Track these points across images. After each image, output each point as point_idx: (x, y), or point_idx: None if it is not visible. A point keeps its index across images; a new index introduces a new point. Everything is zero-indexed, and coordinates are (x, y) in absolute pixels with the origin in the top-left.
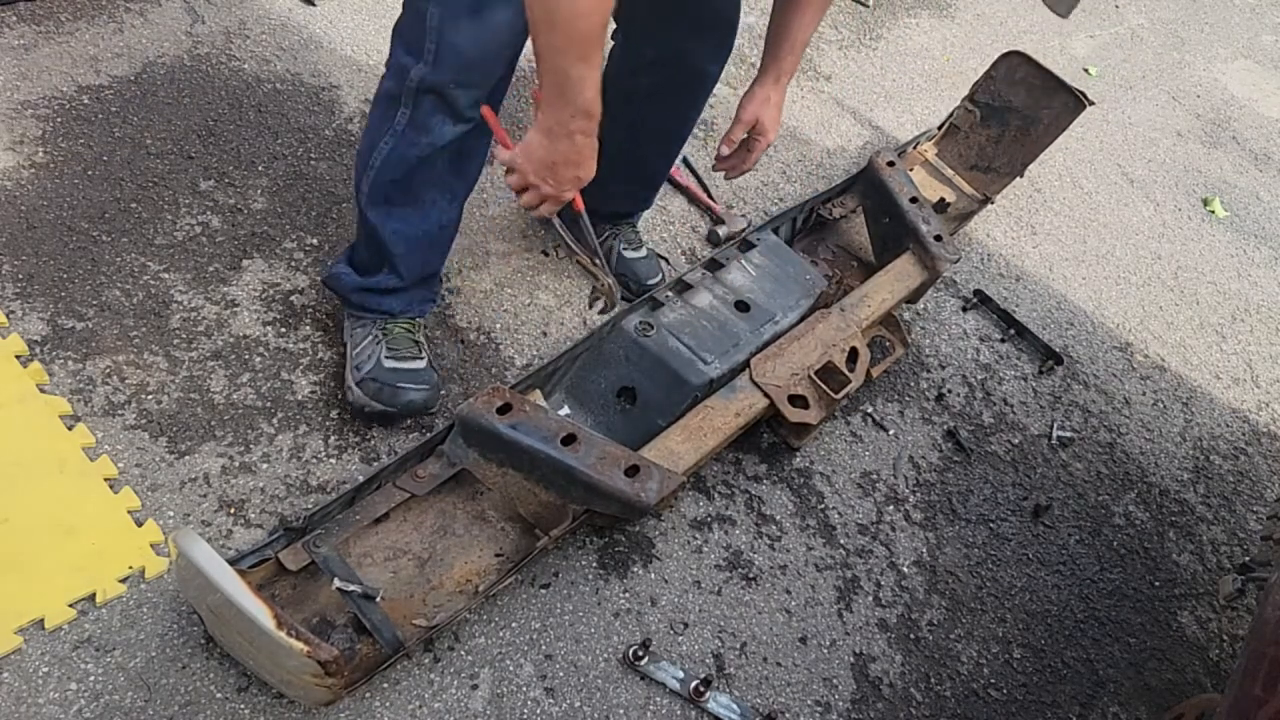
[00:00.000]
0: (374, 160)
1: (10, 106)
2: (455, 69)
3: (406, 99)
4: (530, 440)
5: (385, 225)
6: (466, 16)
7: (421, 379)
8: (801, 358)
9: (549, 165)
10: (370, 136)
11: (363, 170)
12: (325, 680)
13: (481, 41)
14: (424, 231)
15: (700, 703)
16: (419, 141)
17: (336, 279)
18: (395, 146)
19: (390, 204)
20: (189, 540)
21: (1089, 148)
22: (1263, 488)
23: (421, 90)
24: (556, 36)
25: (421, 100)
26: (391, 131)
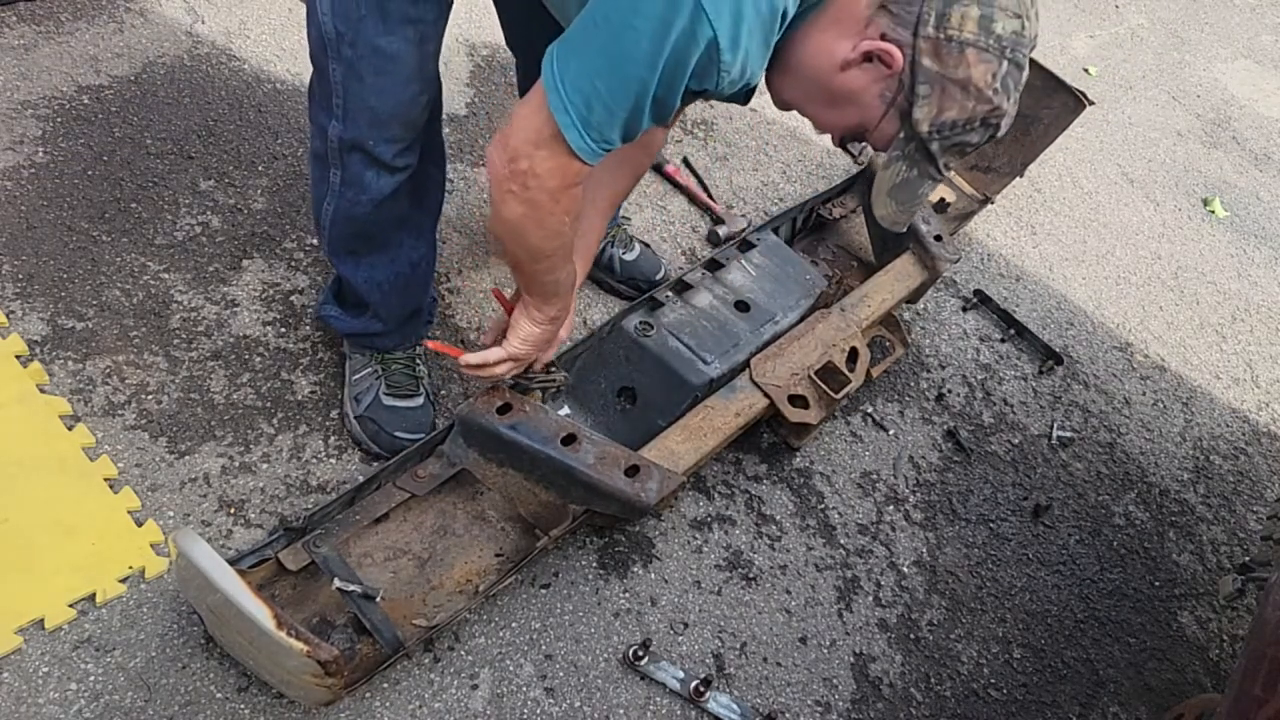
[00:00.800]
0: (324, 220)
1: (10, 106)
2: (369, 124)
3: (334, 158)
4: (530, 440)
5: (356, 275)
6: (369, 73)
7: (417, 421)
8: (801, 358)
9: (547, 343)
10: (315, 195)
11: (319, 228)
12: (325, 680)
13: (387, 95)
14: (396, 274)
15: (700, 703)
16: (359, 199)
17: (326, 321)
18: (338, 205)
19: (355, 255)
20: (189, 540)
21: (1089, 148)
22: (1263, 488)
23: (344, 148)
24: (539, 262)
25: (348, 158)
26: (330, 191)
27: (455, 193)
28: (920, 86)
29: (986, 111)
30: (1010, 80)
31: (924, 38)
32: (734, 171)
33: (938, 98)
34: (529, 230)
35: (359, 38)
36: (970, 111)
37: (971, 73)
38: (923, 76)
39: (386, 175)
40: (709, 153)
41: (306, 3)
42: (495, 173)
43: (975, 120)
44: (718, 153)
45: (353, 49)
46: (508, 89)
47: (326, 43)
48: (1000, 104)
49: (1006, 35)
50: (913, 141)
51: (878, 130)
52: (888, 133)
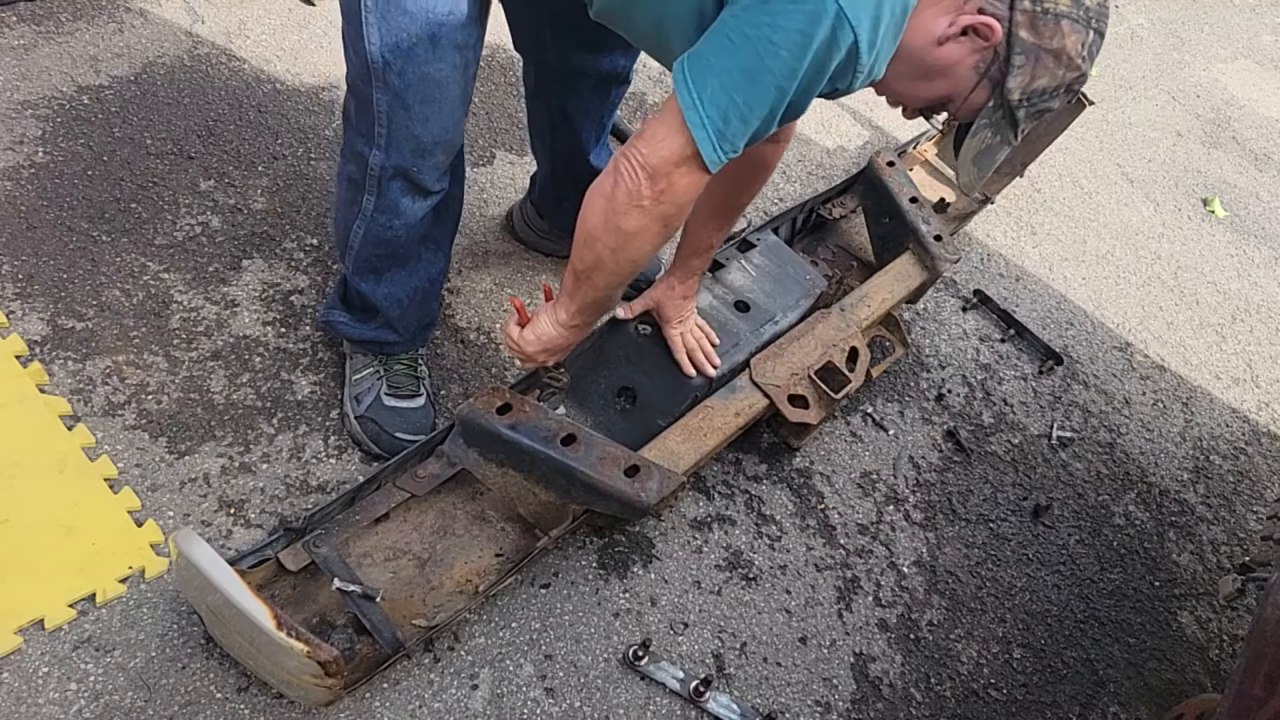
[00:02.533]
0: (352, 241)
1: (10, 106)
2: (413, 152)
3: (370, 185)
4: (530, 440)
5: (376, 291)
6: (417, 102)
7: (418, 421)
8: (801, 358)
9: (558, 350)
10: (343, 215)
11: (344, 246)
12: (325, 681)
13: (433, 123)
14: (415, 288)
15: (700, 703)
16: (391, 224)
17: (333, 327)
18: (369, 229)
19: (378, 273)
20: (189, 541)
21: (1089, 148)
22: (1263, 488)
23: (385, 177)
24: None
25: (386, 186)
26: (361, 215)
27: None
28: (1016, 57)
29: (1073, 78)
30: (1095, 48)
31: (1021, 11)
32: None
33: (1031, 67)
34: (645, 242)
35: (408, 66)
36: (1060, 79)
37: (1065, 43)
38: (1019, 48)
39: (422, 200)
40: None
41: (346, 32)
42: (628, 188)
43: (1062, 87)
44: None
45: (400, 78)
46: (508, 89)
47: (372, 72)
48: (1086, 71)
49: (1093, 7)
50: (1000, 109)
51: (966, 101)
52: (976, 102)
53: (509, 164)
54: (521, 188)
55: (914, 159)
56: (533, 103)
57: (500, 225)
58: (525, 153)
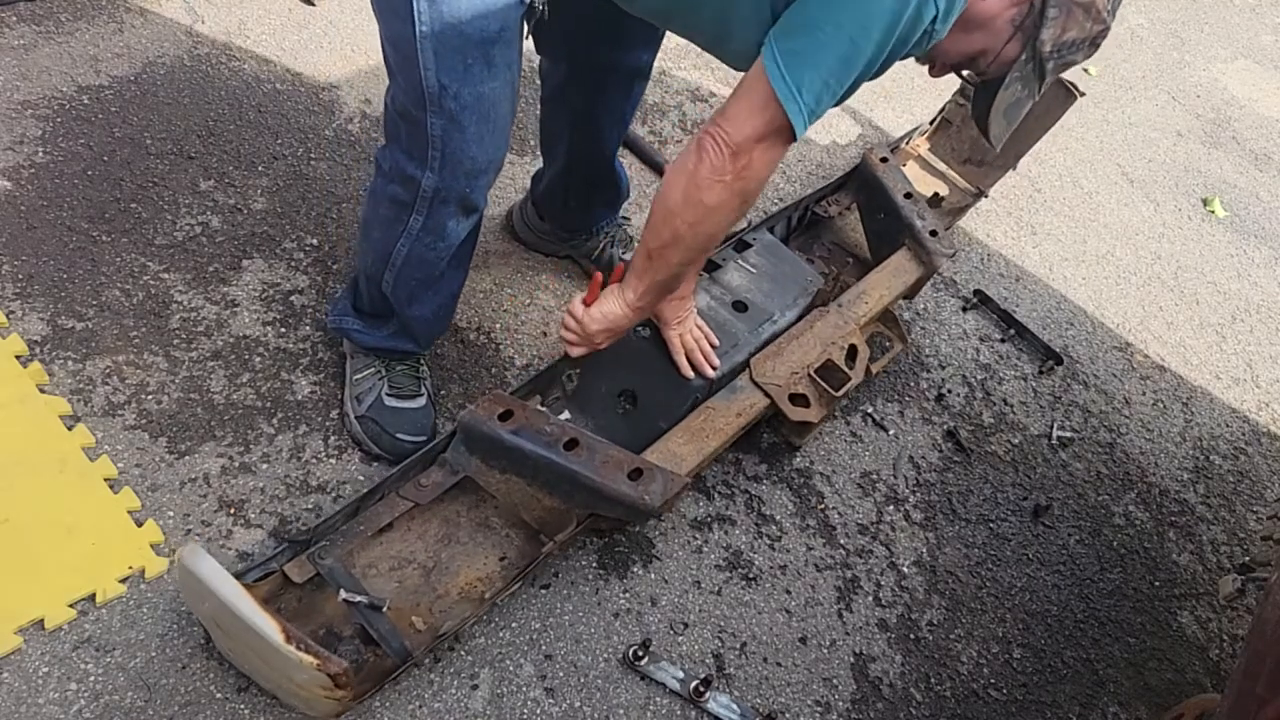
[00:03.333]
0: (395, 260)
1: (10, 106)
2: (467, 174)
3: (420, 206)
4: (533, 446)
5: (408, 312)
6: (472, 123)
7: (419, 422)
8: (801, 356)
9: (619, 331)
10: (382, 234)
11: (382, 265)
12: (335, 693)
13: (488, 142)
14: (440, 305)
15: (700, 703)
16: (435, 245)
17: (346, 333)
18: (412, 249)
19: (414, 297)
20: (195, 555)
21: (1089, 148)
22: (1263, 488)
23: (437, 200)
24: (691, 249)
25: (438, 208)
26: (406, 234)
27: None
28: (1050, 9)
29: (1099, 31)
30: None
31: None
32: None
33: (1064, 19)
34: (724, 216)
35: (463, 88)
36: (1087, 31)
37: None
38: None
39: (465, 219)
40: None
41: (391, 57)
42: (712, 163)
43: (1088, 39)
44: None
45: (456, 101)
46: None
47: (427, 97)
48: (1109, 24)
49: None
50: (1031, 62)
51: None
52: (1009, 56)
53: (509, 164)
54: (522, 188)
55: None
56: (553, 103)
57: (500, 225)
58: (525, 153)
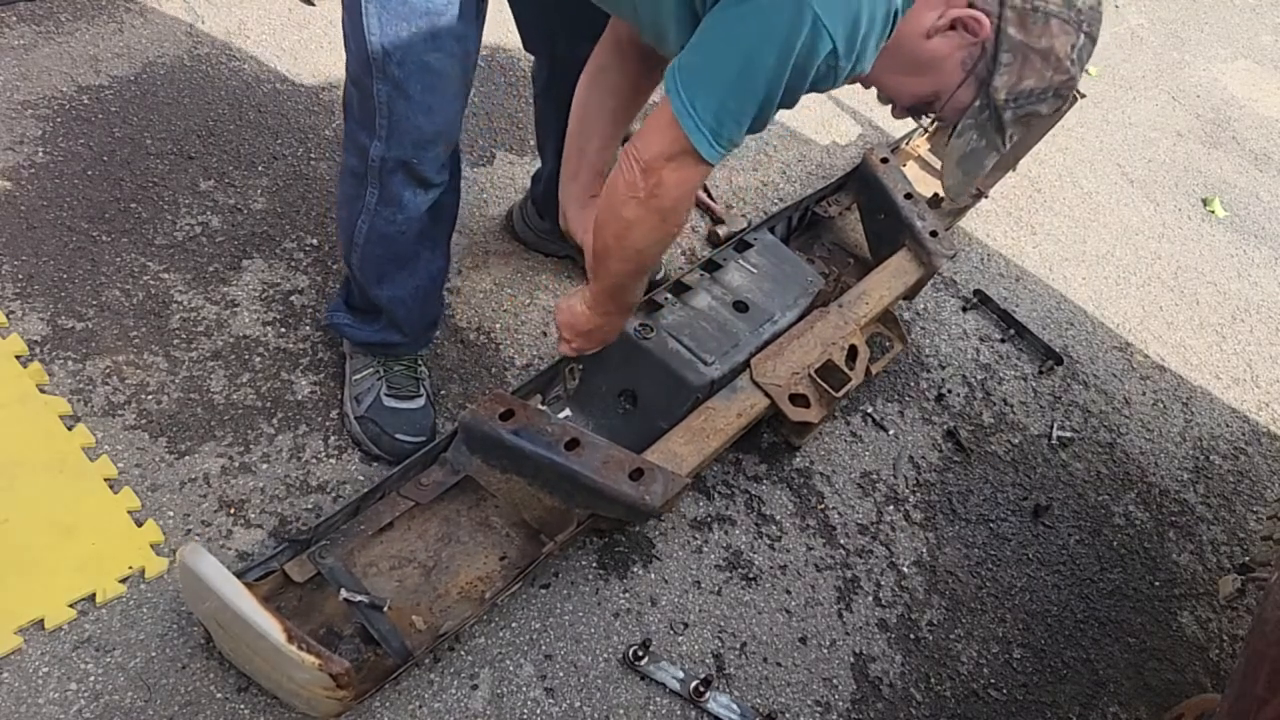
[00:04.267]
0: (357, 238)
1: (10, 106)
2: (414, 143)
3: (372, 177)
4: (533, 446)
5: (382, 293)
6: (418, 91)
7: (418, 423)
8: (801, 356)
9: (585, 334)
10: (347, 212)
11: (349, 245)
12: (337, 693)
13: (435, 113)
14: (416, 287)
15: (700, 703)
16: (394, 218)
17: (338, 329)
18: (373, 224)
19: (381, 276)
20: (196, 555)
21: (1089, 148)
22: (1263, 488)
23: (385, 169)
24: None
25: (388, 178)
26: (365, 209)
27: None
28: (1003, 55)
29: (1061, 82)
30: (1084, 53)
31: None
32: (734, 171)
33: (1019, 66)
34: (643, 234)
35: (408, 56)
36: (1048, 81)
37: (1054, 43)
38: (1006, 45)
39: (423, 193)
40: None
41: (346, 23)
42: (625, 179)
43: (1050, 90)
44: None
45: (400, 68)
46: (508, 89)
47: (372, 62)
48: (1075, 75)
49: (1085, 9)
50: (986, 110)
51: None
52: (962, 101)
53: (509, 164)
54: (521, 187)
55: (907, 155)
56: (542, 100)
57: (500, 225)
58: (525, 153)
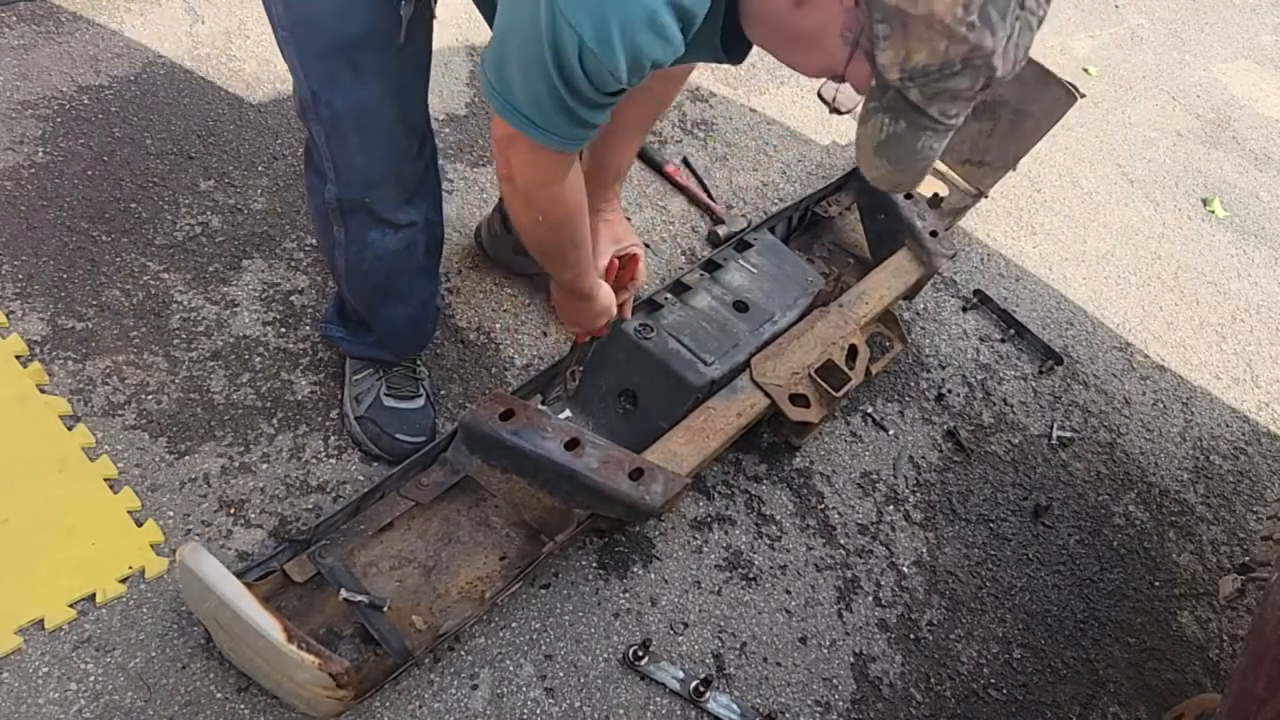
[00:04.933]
0: (338, 271)
1: (10, 106)
2: (362, 184)
3: (334, 218)
4: (533, 446)
5: (373, 319)
6: (352, 132)
7: (418, 423)
8: (801, 356)
9: (570, 316)
10: (326, 249)
11: (334, 276)
12: (337, 693)
13: (372, 152)
14: (409, 317)
15: (700, 703)
16: (365, 255)
17: (332, 342)
18: (350, 262)
19: (375, 307)
20: (196, 555)
21: (1089, 148)
22: (1263, 488)
23: (344, 210)
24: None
25: (349, 218)
26: (338, 246)
27: (455, 193)
28: (879, 25)
29: (965, 52)
30: (993, 9)
31: None
32: (734, 171)
33: (901, 37)
34: (518, 209)
35: (335, 95)
36: (944, 53)
37: (934, 6)
38: (880, 13)
39: (391, 233)
40: (709, 153)
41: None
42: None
43: (954, 63)
44: (718, 153)
45: (330, 109)
46: None
47: (305, 107)
48: (981, 41)
49: None
50: (888, 91)
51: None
52: (861, 76)
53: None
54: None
55: None
56: None
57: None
58: None
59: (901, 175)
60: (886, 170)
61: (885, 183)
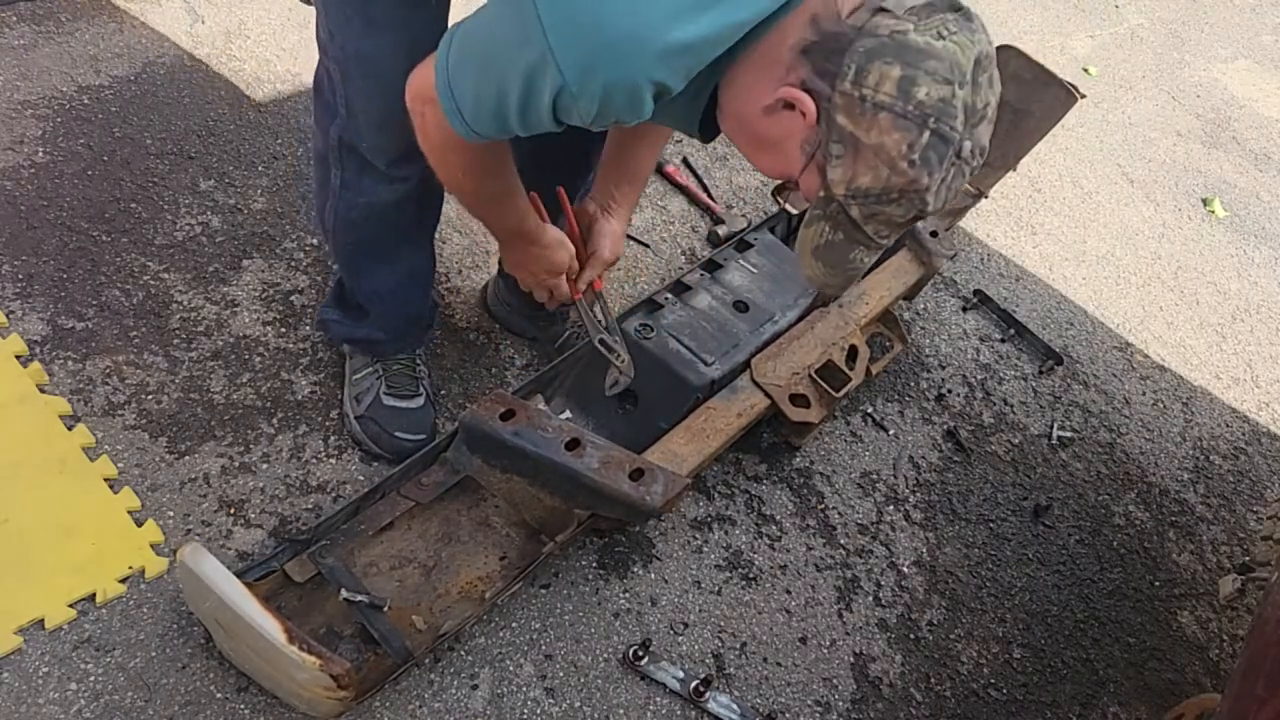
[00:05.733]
0: (327, 224)
1: (10, 106)
2: (366, 126)
3: (334, 158)
4: (534, 446)
5: (357, 284)
6: (357, 76)
7: (417, 422)
8: (801, 356)
9: (518, 266)
10: (319, 200)
11: (324, 234)
12: (337, 693)
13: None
14: (396, 283)
15: (700, 703)
16: (357, 202)
17: (326, 326)
18: (341, 209)
19: (358, 264)
20: (197, 554)
21: (1089, 148)
22: (1263, 488)
23: (343, 147)
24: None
25: (347, 159)
26: (332, 194)
27: None
28: (834, 145)
29: (904, 184)
30: (934, 154)
31: (840, 92)
32: (734, 171)
33: (851, 160)
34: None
35: (347, 41)
36: (885, 182)
37: (884, 139)
38: (836, 135)
39: (385, 184)
40: (709, 153)
41: None
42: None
43: (893, 191)
44: (718, 153)
45: (342, 51)
46: None
47: (322, 43)
48: (919, 178)
49: (930, 103)
50: (833, 202)
51: (802, 184)
52: (810, 188)
53: None
54: None
55: None
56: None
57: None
58: None
59: (833, 278)
60: (820, 271)
61: (817, 282)
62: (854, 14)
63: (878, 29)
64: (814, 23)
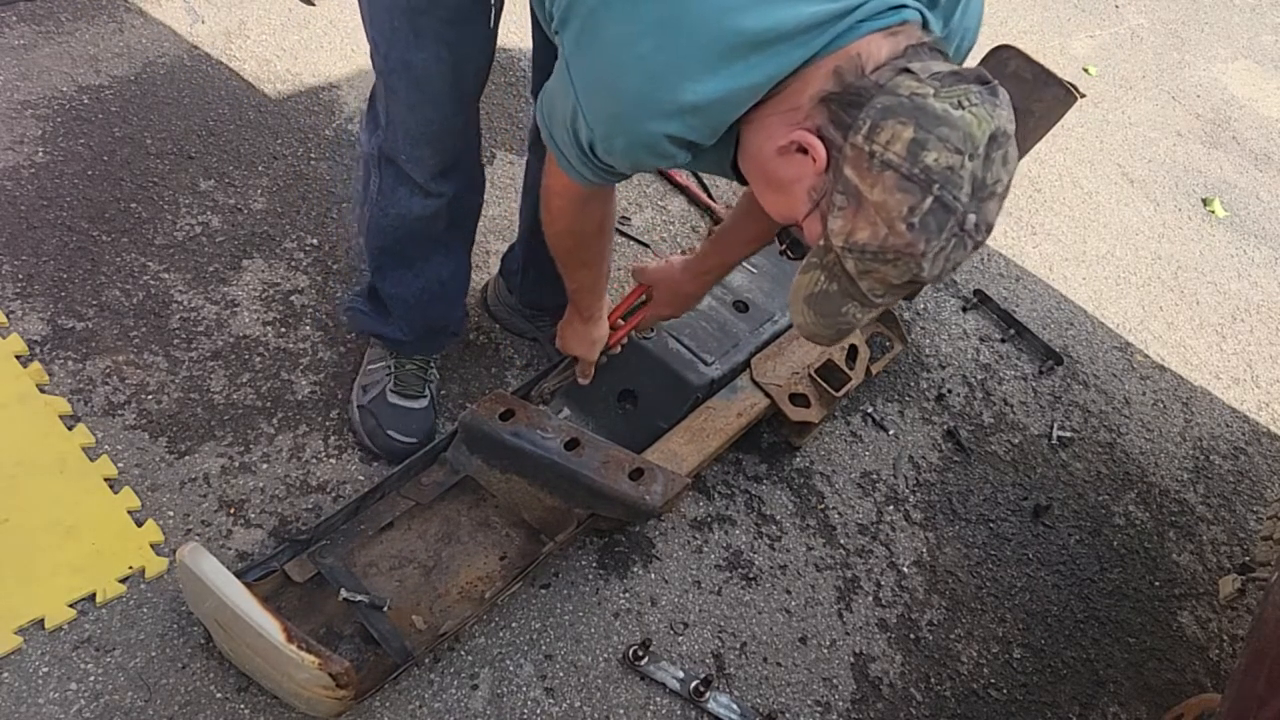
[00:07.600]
0: (363, 225)
1: (10, 106)
2: (404, 139)
3: (373, 166)
4: (533, 446)
5: (383, 286)
6: (401, 87)
7: (415, 424)
8: (801, 356)
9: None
10: (358, 198)
11: (359, 232)
12: (337, 693)
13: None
14: (421, 289)
15: (700, 703)
16: (390, 212)
17: (353, 314)
18: (374, 215)
19: (384, 268)
20: (197, 554)
21: (1089, 148)
22: (1263, 488)
23: (382, 158)
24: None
25: (385, 170)
26: (368, 199)
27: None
28: (838, 195)
29: (900, 246)
30: (934, 220)
31: (852, 144)
32: None
33: (853, 213)
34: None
35: (391, 50)
36: (882, 240)
37: (887, 198)
38: (842, 185)
39: (420, 197)
40: None
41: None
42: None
43: (889, 252)
44: None
45: (386, 61)
46: (508, 89)
47: (372, 51)
48: (915, 243)
49: (937, 169)
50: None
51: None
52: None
53: (509, 164)
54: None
55: None
56: (533, 150)
57: (500, 225)
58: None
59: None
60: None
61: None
62: (878, 71)
63: (899, 88)
64: (837, 74)
